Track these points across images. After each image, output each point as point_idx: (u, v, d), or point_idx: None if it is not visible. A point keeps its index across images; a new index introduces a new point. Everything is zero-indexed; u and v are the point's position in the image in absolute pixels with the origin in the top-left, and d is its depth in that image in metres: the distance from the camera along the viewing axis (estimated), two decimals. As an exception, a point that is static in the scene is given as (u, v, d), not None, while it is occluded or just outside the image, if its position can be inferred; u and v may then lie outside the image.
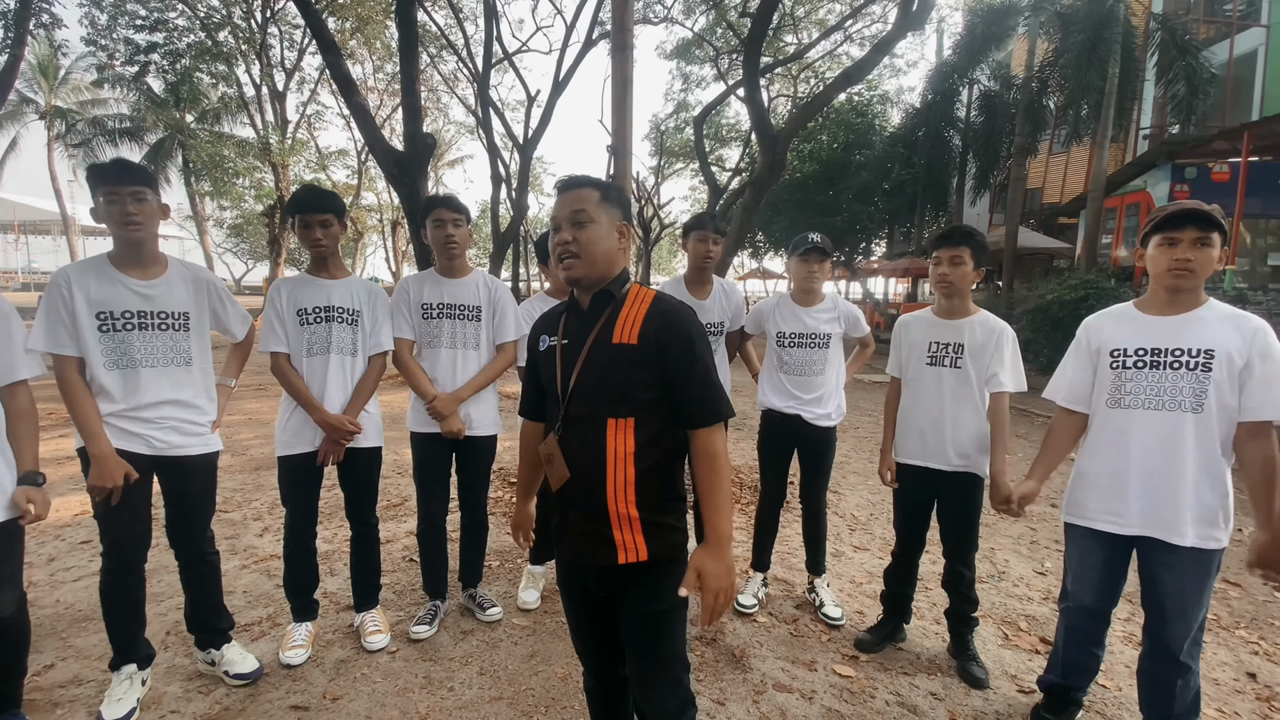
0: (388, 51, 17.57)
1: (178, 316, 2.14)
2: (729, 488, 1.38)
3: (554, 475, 1.43)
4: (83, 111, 23.96)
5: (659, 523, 1.41)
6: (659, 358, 1.36)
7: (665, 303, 1.42)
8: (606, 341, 1.40)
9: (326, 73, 18.32)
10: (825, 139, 18.53)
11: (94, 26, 14.44)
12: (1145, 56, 11.87)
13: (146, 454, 2.10)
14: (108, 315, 2.03)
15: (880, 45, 7.57)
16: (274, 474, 4.76)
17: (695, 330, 1.39)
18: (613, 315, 1.42)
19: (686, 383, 1.37)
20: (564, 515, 1.47)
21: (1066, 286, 9.46)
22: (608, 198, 1.43)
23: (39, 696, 2.22)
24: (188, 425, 2.17)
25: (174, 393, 2.13)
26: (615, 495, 1.38)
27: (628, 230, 1.47)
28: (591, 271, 1.41)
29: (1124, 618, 2.92)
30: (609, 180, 1.50)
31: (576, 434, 1.40)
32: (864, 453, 5.99)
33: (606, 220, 1.42)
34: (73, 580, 3.07)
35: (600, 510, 1.39)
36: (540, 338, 1.54)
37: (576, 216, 1.40)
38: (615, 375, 1.38)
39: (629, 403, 1.37)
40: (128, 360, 2.06)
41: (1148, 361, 1.89)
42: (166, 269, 2.16)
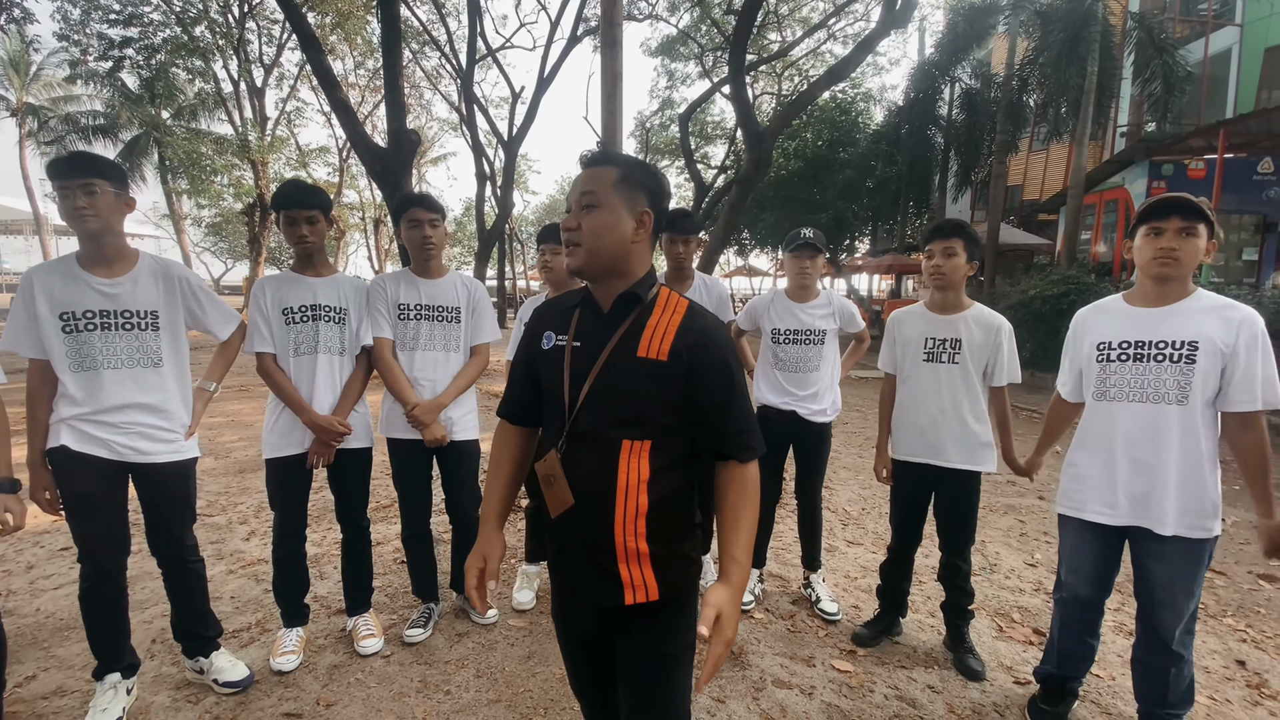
0: (369, 47, 17.34)
1: (144, 315, 2.04)
2: (756, 524, 1.24)
3: (554, 500, 1.25)
4: (55, 108, 23.36)
5: (671, 555, 1.25)
6: (689, 380, 1.20)
7: (701, 318, 1.25)
8: (629, 353, 1.21)
9: (306, 68, 18.07)
10: (810, 136, 18.64)
11: (66, 21, 14.13)
12: (1123, 55, 12.05)
13: (110, 459, 2.01)
14: (70, 315, 1.95)
15: (864, 43, 7.60)
16: (259, 477, 4.68)
17: (733, 354, 1.25)
18: (638, 323, 1.23)
19: (725, 413, 1.22)
20: (561, 546, 1.30)
21: (1048, 282, 9.59)
22: (628, 179, 1.24)
23: (21, 709, 2.16)
24: (156, 431, 2.07)
25: (141, 396, 2.03)
26: (624, 527, 1.21)
27: (649, 219, 1.26)
28: (592, 264, 1.23)
29: (1114, 607, 2.96)
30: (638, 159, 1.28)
31: (583, 453, 1.23)
32: (854, 448, 6.02)
33: (621, 206, 1.23)
34: (53, 588, 2.99)
35: (605, 543, 1.22)
36: (544, 334, 1.34)
37: (584, 199, 1.23)
38: (636, 392, 1.20)
39: (648, 425, 1.21)
40: (90, 361, 1.97)
41: (1131, 354, 1.91)
42: (134, 266, 2.05)
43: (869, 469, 5.28)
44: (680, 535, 1.27)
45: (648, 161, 1.19)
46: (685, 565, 1.28)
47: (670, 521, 1.25)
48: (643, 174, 1.26)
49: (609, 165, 1.25)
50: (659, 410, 1.20)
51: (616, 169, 1.24)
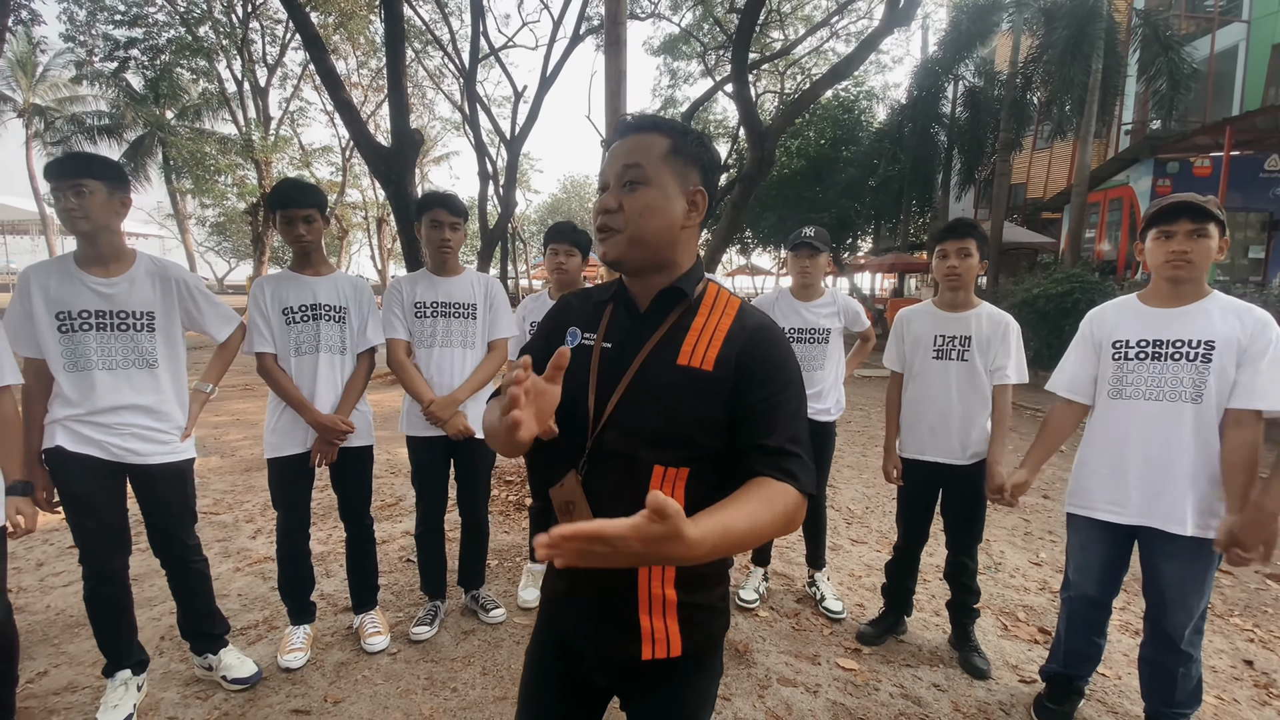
0: (372, 47, 17.35)
1: (140, 316, 2.03)
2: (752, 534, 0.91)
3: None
4: (61, 109, 23.49)
5: (700, 605, 1.07)
6: (736, 390, 0.99)
7: (754, 317, 1.05)
8: (669, 360, 1.01)
9: (309, 68, 18.10)
10: (812, 135, 18.60)
11: (72, 22, 14.17)
12: (1128, 52, 12.00)
13: (106, 459, 2.01)
14: (66, 315, 1.95)
15: (867, 41, 7.57)
16: (264, 475, 4.70)
17: (793, 359, 1.03)
18: (681, 325, 1.04)
19: (770, 417, 0.97)
20: (570, 585, 1.10)
21: (1052, 280, 9.56)
22: (680, 150, 1.02)
23: (34, 704, 2.18)
24: (151, 432, 2.06)
25: (135, 397, 2.03)
26: (650, 571, 1.03)
27: (703, 199, 1.05)
28: (635, 254, 1.03)
29: (1120, 606, 2.95)
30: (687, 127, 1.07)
31: (607, 477, 1.03)
32: (857, 447, 6.02)
33: (672, 182, 1.01)
34: (63, 585, 3.01)
35: (627, 587, 1.04)
36: (570, 329, 1.12)
37: (628, 174, 1.00)
38: (675, 408, 0.99)
39: (686, 448, 1.00)
40: (84, 362, 1.97)
41: (1149, 353, 1.92)
42: (131, 266, 2.05)
43: (872, 468, 5.27)
44: (712, 582, 1.09)
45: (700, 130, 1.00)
46: (713, 617, 1.09)
47: (704, 564, 1.02)
48: (697, 145, 1.05)
49: (658, 133, 1.03)
50: (700, 431, 1.00)
51: (667, 137, 1.02)
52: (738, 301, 1.08)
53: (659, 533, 0.74)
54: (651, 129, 1.03)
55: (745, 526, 0.87)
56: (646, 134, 1.02)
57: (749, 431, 0.97)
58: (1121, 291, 8.35)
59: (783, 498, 0.92)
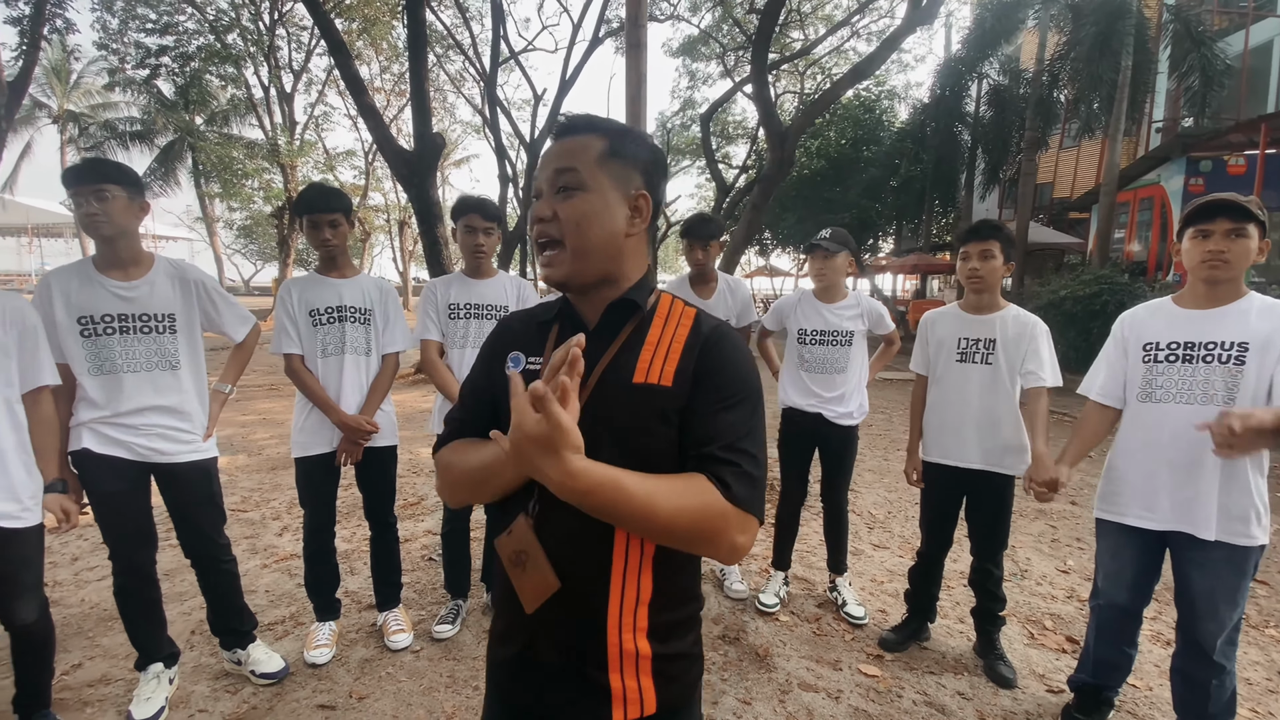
0: (394, 52, 17.60)
1: (161, 319, 2.07)
2: (672, 524, 0.82)
3: (530, 587, 0.90)
4: (94, 115, 24.12)
5: (675, 655, 0.95)
6: (691, 400, 0.90)
7: (708, 322, 0.97)
8: (623, 379, 0.91)
9: (333, 74, 18.40)
10: (833, 135, 18.47)
11: (105, 31, 14.54)
12: (1158, 48, 11.73)
13: (131, 459, 2.05)
14: (88, 319, 1.99)
15: (889, 40, 7.51)
16: (290, 473, 4.76)
17: (750, 362, 0.95)
18: (635, 340, 0.94)
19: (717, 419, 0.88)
20: (528, 645, 0.95)
21: (1080, 282, 9.39)
22: (619, 152, 0.93)
23: (68, 696, 2.24)
24: (174, 432, 2.10)
25: (159, 398, 2.07)
26: (620, 622, 0.91)
27: (646, 204, 0.96)
28: (584, 269, 0.93)
29: (1151, 616, 2.89)
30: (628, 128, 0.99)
31: (563, 520, 0.88)
32: (878, 450, 5.96)
33: (611, 187, 0.92)
34: (96, 580, 3.09)
35: (595, 643, 0.91)
36: (511, 354, 0.98)
37: (561, 179, 0.92)
38: (636, 434, 0.89)
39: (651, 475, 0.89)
40: (109, 365, 2.01)
41: (1179, 355, 1.87)
42: (150, 269, 2.09)
43: (895, 472, 5.21)
44: (685, 626, 0.99)
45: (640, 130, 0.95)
46: (688, 666, 0.99)
47: (678, 609, 0.96)
48: (636, 145, 0.96)
49: (593, 133, 0.94)
50: (665, 457, 0.89)
51: (604, 138, 0.93)
52: (694, 311, 0.99)
53: (536, 432, 0.74)
54: (586, 129, 0.95)
55: (641, 497, 0.78)
56: (581, 135, 0.94)
57: (692, 439, 0.89)
58: (1152, 293, 8.17)
59: (704, 495, 0.82)
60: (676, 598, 0.96)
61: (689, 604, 0.99)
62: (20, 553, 1.81)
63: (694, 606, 1.01)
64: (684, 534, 0.82)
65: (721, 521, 0.83)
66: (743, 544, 0.85)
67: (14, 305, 1.81)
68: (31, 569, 1.86)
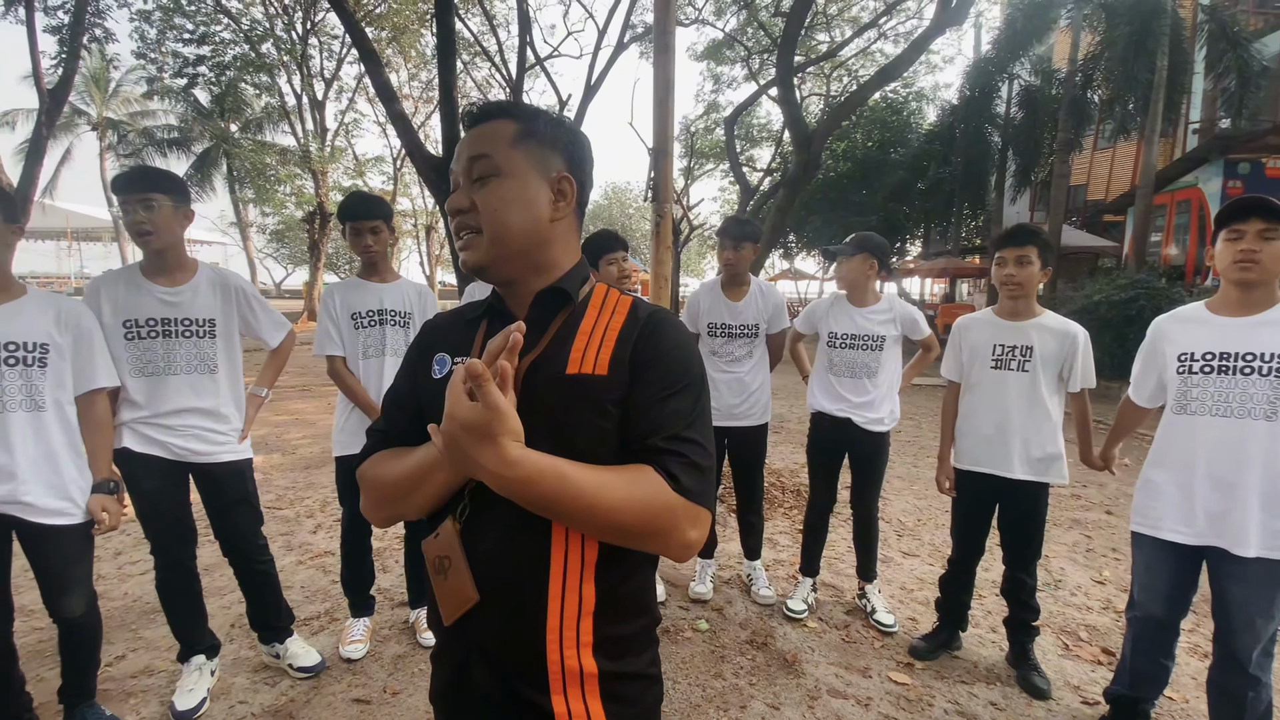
0: (422, 60, 17.90)
1: (203, 324, 2.14)
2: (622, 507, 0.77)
3: (449, 596, 0.84)
4: (133, 122, 24.92)
5: (627, 675, 0.87)
6: (628, 390, 0.84)
7: (646, 308, 0.92)
8: (557, 371, 0.85)
9: (364, 82, 18.79)
10: (859, 137, 18.32)
11: (144, 41, 15.02)
12: (1194, 49, 11.45)
13: (168, 459, 2.12)
14: (133, 323, 2.06)
15: (918, 42, 7.42)
16: (324, 473, 4.86)
17: (694, 351, 0.90)
18: (567, 330, 0.89)
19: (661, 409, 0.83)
20: (461, 668, 0.88)
21: (1115, 286, 9.17)
22: (533, 134, 0.89)
23: (112, 687, 2.31)
24: (210, 433, 2.16)
25: (198, 400, 2.13)
26: (560, 634, 0.82)
27: (570, 187, 0.91)
28: (499, 257, 0.88)
29: (1189, 628, 2.82)
30: (543, 112, 0.93)
31: (495, 523, 0.83)
32: (908, 457, 5.89)
33: (530, 170, 0.88)
34: (139, 574, 3.20)
35: (531, 661, 0.83)
36: (436, 356, 0.95)
37: (476, 168, 0.87)
38: (569, 428, 0.83)
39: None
40: (151, 367, 2.08)
41: (1215, 366, 1.83)
42: (194, 275, 2.16)
43: (924, 479, 5.15)
44: (640, 641, 0.90)
45: (559, 115, 0.93)
46: (645, 689, 0.90)
47: (628, 621, 0.88)
48: (552, 127, 0.91)
49: (504, 118, 0.89)
50: (601, 450, 0.83)
51: (515, 121, 0.89)
52: (630, 299, 0.94)
53: (473, 419, 0.69)
54: (497, 114, 0.90)
55: (583, 484, 0.74)
56: (491, 121, 0.89)
57: (635, 432, 0.83)
58: (1191, 298, 7.96)
59: (649, 486, 0.78)
60: (626, 608, 0.87)
61: (641, 616, 0.90)
62: (70, 549, 1.88)
63: (647, 619, 0.92)
64: (632, 527, 0.77)
65: (671, 515, 0.78)
66: (694, 539, 0.81)
67: (71, 309, 1.89)
68: (81, 564, 1.93)
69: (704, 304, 3.03)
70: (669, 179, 4.36)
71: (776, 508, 4.36)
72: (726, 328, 2.99)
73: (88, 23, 10.44)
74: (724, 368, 2.98)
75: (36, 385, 1.79)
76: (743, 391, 2.96)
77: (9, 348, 1.75)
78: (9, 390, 1.74)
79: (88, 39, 10.75)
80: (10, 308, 1.78)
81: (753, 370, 2.99)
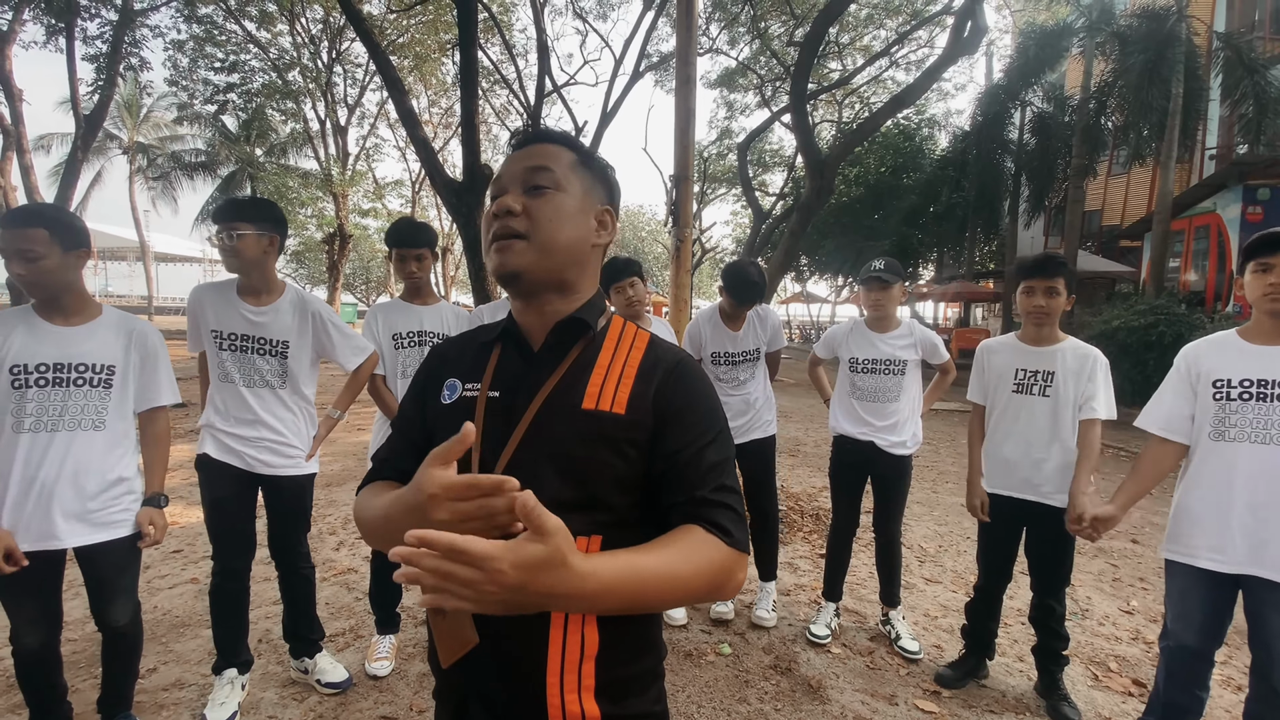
0: (442, 87, 18.36)
1: (277, 344, 2.24)
2: (680, 590, 0.75)
3: (447, 639, 0.82)
4: (162, 146, 25.68)
5: (634, 716, 0.86)
6: (655, 439, 0.84)
7: (669, 351, 0.91)
8: (572, 404, 0.85)
9: (385, 107, 19.27)
10: (872, 162, 18.46)
11: (176, 69, 15.54)
12: (1209, 76, 11.49)
13: (242, 469, 2.22)
14: (218, 334, 2.20)
15: (930, 71, 7.53)
16: (345, 490, 4.90)
17: (714, 398, 0.90)
18: (584, 362, 0.88)
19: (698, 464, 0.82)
20: (459, 707, 0.88)
21: (1134, 312, 9.10)
22: (589, 165, 0.92)
23: (145, 699, 2.34)
24: (281, 446, 2.26)
25: (266, 415, 2.23)
26: (562, 677, 0.81)
27: (611, 220, 0.94)
28: (542, 266, 0.87)
29: (1223, 659, 2.76)
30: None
31: None
32: (926, 482, 5.84)
33: (582, 193, 0.90)
34: (168, 588, 3.24)
35: (531, 704, 0.82)
36: (446, 381, 0.94)
37: (535, 177, 0.87)
38: (582, 464, 0.82)
39: (596, 511, 0.83)
40: (230, 377, 2.20)
41: (1254, 393, 1.83)
42: (279, 297, 2.27)
43: (944, 504, 5.11)
44: (644, 680, 0.88)
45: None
46: None
47: (632, 662, 0.86)
48: (601, 165, 0.95)
49: (564, 145, 0.92)
50: (613, 489, 0.82)
51: (573, 151, 0.92)
52: (647, 335, 0.94)
53: (539, 556, 0.60)
54: (559, 141, 0.93)
55: (658, 572, 0.71)
56: (553, 144, 0.92)
57: (673, 487, 0.82)
58: (1212, 325, 7.88)
59: (709, 550, 0.77)
60: (631, 649, 0.86)
61: (645, 655, 0.89)
62: (119, 559, 1.94)
63: (653, 658, 0.90)
64: (698, 595, 0.76)
65: (728, 572, 0.78)
66: (741, 580, 0.81)
67: (140, 329, 1.98)
68: (128, 574, 1.99)
69: (706, 333, 3.11)
70: (689, 205, 4.44)
71: (795, 532, 4.34)
72: (730, 355, 3.07)
73: (124, 51, 10.84)
74: (730, 391, 3.06)
75: (99, 406, 1.87)
76: (748, 410, 3.06)
77: (79, 369, 1.84)
78: (72, 410, 1.83)
79: (123, 67, 11.16)
80: (85, 329, 1.87)
81: (755, 387, 3.09)
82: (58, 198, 10.50)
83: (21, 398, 1.77)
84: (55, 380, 1.80)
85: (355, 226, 22.54)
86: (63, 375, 1.81)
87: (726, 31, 15.42)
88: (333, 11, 15.28)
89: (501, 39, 14.59)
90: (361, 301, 39.24)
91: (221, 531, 2.24)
